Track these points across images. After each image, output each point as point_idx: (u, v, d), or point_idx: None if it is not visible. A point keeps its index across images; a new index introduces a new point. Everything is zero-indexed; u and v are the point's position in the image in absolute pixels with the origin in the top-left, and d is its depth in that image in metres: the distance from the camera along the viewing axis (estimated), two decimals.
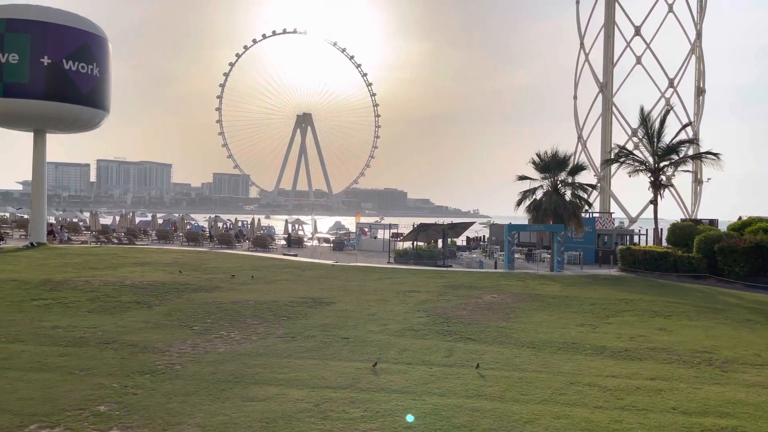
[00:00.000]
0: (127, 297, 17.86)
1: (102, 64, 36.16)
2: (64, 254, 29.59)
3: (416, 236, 36.50)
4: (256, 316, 15.77)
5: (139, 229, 48.70)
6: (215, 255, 32.82)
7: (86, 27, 35.62)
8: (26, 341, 12.33)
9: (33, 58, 33.15)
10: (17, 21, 33.35)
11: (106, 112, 37.49)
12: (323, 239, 50.49)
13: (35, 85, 33.40)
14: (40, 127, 35.90)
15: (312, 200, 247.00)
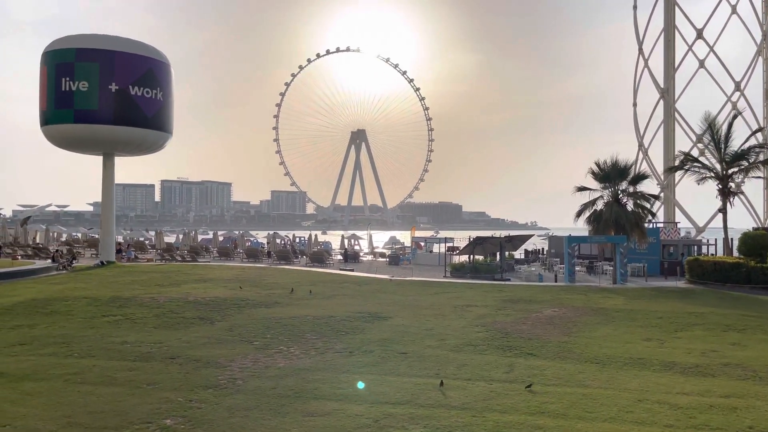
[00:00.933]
0: (190, 313, 18.37)
1: (165, 88, 37.66)
2: (131, 272, 30.76)
3: (473, 250, 36.11)
4: (315, 331, 15.91)
5: (202, 246, 50.14)
6: (274, 271, 33.40)
7: (150, 54, 37.23)
8: (97, 356, 12.83)
9: (102, 85, 34.83)
10: (86, 50, 35.19)
11: (170, 134, 38.96)
12: (379, 254, 50.64)
13: (104, 111, 35.07)
14: (108, 150, 37.62)
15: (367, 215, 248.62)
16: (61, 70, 34.93)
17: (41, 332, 15.39)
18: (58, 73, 35.01)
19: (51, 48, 35.88)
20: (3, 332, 15.34)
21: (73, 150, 39.01)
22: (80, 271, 32.54)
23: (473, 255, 35.88)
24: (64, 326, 16.25)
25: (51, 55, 35.67)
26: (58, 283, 26.62)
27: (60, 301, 20.47)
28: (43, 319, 17.30)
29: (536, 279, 31.73)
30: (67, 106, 34.99)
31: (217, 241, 55.80)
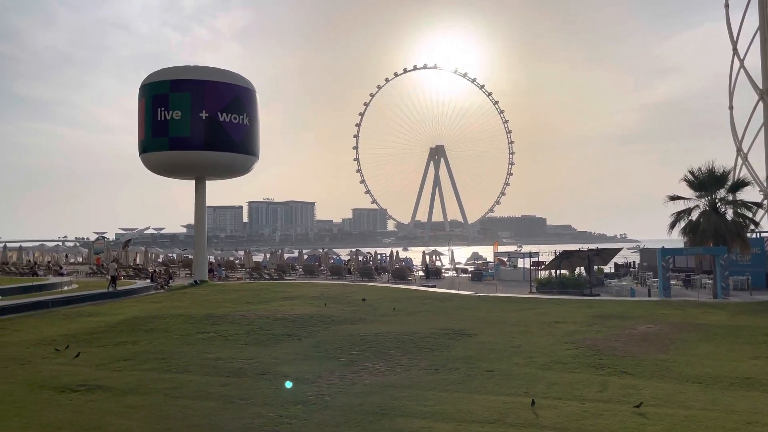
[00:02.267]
0: (278, 330, 18.88)
1: (251, 113, 39.32)
2: (223, 290, 32.07)
3: (559, 264, 35.06)
4: (399, 347, 15.92)
5: (288, 264, 51.61)
6: (357, 287, 33.79)
7: (237, 81, 39.05)
8: (193, 371, 13.41)
9: (193, 114, 36.86)
10: (179, 81, 37.41)
11: (256, 157, 40.56)
12: (461, 270, 50.17)
13: (196, 138, 37.05)
14: (200, 174, 39.63)
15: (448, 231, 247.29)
16: (157, 101, 37.28)
17: (142, 348, 16.29)
18: (154, 103, 37.39)
19: (148, 81, 38.40)
20: (108, 348, 16.36)
21: (168, 175, 41.38)
22: (176, 290, 34.28)
23: (560, 270, 34.81)
24: (162, 343, 17.12)
25: (148, 87, 38.17)
26: (156, 301, 28.16)
27: (159, 318, 21.62)
28: (144, 336, 18.31)
29: (628, 294, 30.35)
30: (162, 135, 37.25)
31: (302, 259, 57.23)
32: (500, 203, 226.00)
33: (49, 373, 13.41)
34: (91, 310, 25.11)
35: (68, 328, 20.00)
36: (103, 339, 17.78)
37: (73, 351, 15.65)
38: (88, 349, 16.05)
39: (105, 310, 25.03)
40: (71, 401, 11.00)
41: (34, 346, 16.80)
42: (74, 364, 14.35)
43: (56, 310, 24.93)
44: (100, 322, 21.04)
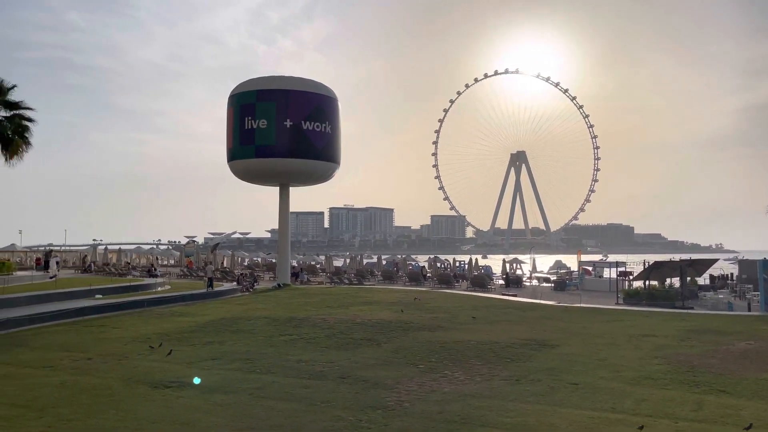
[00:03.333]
0: (358, 334, 19.08)
1: (333, 121, 40.12)
2: (304, 294, 32.82)
3: (648, 275, 33.47)
4: (479, 356, 15.68)
5: (367, 270, 52.15)
6: (436, 294, 33.65)
7: (319, 90, 39.99)
8: (276, 373, 13.78)
9: (278, 122, 38.05)
10: (265, 91, 38.76)
11: (337, 164, 41.32)
12: (543, 279, 48.91)
13: (280, 146, 38.24)
14: (284, 181, 40.84)
15: (529, 238, 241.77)
16: (245, 110, 38.77)
17: (229, 349, 16.91)
18: (242, 113, 38.91)
19: (236, 91, 40.04)
20: (198, 348, 17.11)
21: (254, 182, 42.89)
22: (260, 293, 35.42)
23: (649, 280, 33.21)
24: (247, 344, 17.71)
25: (237, 98, 39.79)
26: (242, 303, 29.19)
27: (244, 320, 22.40)
28: (230, 336, 19.02)
29: (725, 307, 28.53)
30: (249, 143, 38.69)
31: (381, 265, 57.65)
32: (584, 210, 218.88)
33: (144, 369, 14.19)
34: (182, 310, 26.36)
35: (161, 326, 21.08)
36: (192, 338, 18.61)
37: (166, 349, 16.47)
38: (179, 348, 16.85)
39: (194, 310, 26.21)
40: (163, 397, 11.57)
41: (131, 343, 17.82)
42: (167, 361, 15.10)
43: (150, 310, 26.36)
44: (190, 322, 22.05)
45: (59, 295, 28.05)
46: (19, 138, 36.63)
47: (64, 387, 12.26)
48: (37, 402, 11.03)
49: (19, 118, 36.98)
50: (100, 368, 14.28)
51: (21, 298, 25.74)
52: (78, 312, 24.08)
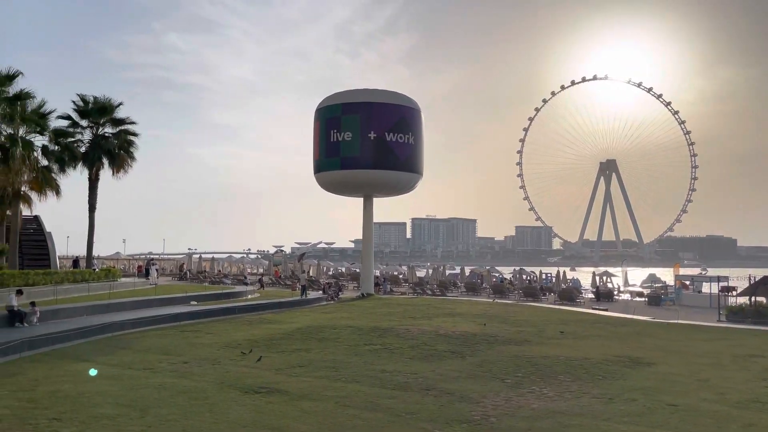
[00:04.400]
0: (442, 346, 18.93)
1: (416, 132, 40.30)
2: (387, 304, 32.98)
3: (755, 291, 31.12)
4: (569, 372, 15.13)
5: (450, 281, 51.75)
6: (521, 307, 32.87)
7: (403, 102, 40.33)
8: (361, 382, 13.90)
9: (362, 134, 38.68)
10: (350, 104, 39.54)
11: (420, 175, 41.42)
12: (635, 293, 46.62)
13: (364, 157, 38.83)
14: (368, 192, 41.39)
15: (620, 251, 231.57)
16: (330, 123, 39.72)
17: (315, 356, 17.25)
18: (327, 126, 39.88)
19: (322, 105, 41.10)
20: (285, 355, 17.56)
21: (339, 193, 43.75)
22: (345, 302, 35.96)
23: (755, 297, 30.90)
24: (333, 352, 18.00)
25: (323, 111, 40.84)
26: (327, 312, 29.73)
27: (329, 329, 22.78)
28: (316, 344, 19.39)
29: None
30: (335, 155, 39.57)
31: (464, 276, 57.04)
32: (681, 221, 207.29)
33: (235, 374, 14.72)
34: (271, 317, 27.18)
35: (251, 333, 21.82)
36: (281, 345, 19.13)
37: (256, 355, 17.03)
38: (268, 354, 17.36)
39: (282, 318, 26.95)
40: (254, 402, 11.94)
41: (223, 348, 18.56)
42: (256, 367, 15.60)
43: (241, 317, 27.37)
44: (279, 330, 22.68)
45: (158, 300, 29.69)
46: (124, 153, 39.34)
47: (163, 388, 12.92)
48: (139, 402, 11.67)
49: (125, 133, 39.74)
50: (195, 372, 14.94)
51: (125, 303, 27.46)
52: (175, 317, 25.39)
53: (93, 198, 38.71)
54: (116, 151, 38.86)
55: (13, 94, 28.72)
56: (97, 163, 38.11)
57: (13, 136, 28.77)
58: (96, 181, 38.67)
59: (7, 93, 28.45)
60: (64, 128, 36.84)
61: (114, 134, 39.43)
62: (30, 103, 30.47)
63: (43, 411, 10.83)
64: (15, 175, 29.35)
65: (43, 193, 34.28)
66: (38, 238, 41.05)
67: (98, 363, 15.87)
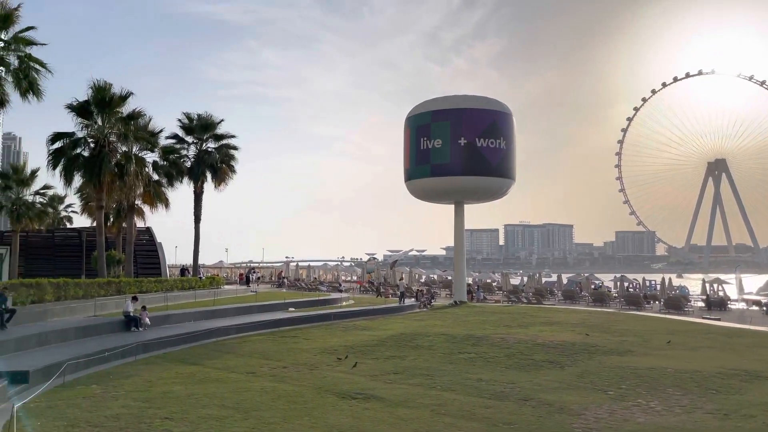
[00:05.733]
0: (539, 356, 18.40)
1: (508, 137, 39.62)
2: (481, 312, 32.53)
3: None
4: (677, 386, 14.24)
5: (546, 289, 50.27)
6: (624, 316, 31.38)
7: (494, 107, 39.82)
8: (456, 391, 13.76)
9: (452, 141, 38.55)
10: (440, 111, 39.52)
11: (512, 180, 40.65)
12: (752, 301, 43.17)
13: (455, 164, 38.64)
14: (458, 199, 41.10)
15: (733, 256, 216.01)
16: (421, 131, 39.89)
17: (409, 364, 17.28)
18: (418, 134, 40.07)
19: (412, 113, 41.35)
20: (380, 361, 17.72)
21: (429, 200, 43.76)
22: (437, 310, 35.83)
23: None
24: (427, 360, 17.96)
25: (413, 119, 41.09)
26: (420, 319, 29.74)
27: (423, 336, 22.77)
28: (410, 351, 19.43)
29: None
30: (425, 162, 39.68)
31: (561, 284, 55.23)
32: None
33: (332, 379, 15.02)
34: (364, 324, 27.55)
35: (346, 339, 22.22)
36: (375, 352, 19.34)
37: (351, 361, 17.30)
38: (363, 360, 17.59)
39: (376, 324, 27.25)
40: (351, 407, 12.12)
41: (320, 354, 19.01)
42: (352, 373, 15.85)
43: (336, 323, 27.95)
44: (372, 336, 22.95)
45: (258, 307, 30.89)
46: (225, 166, 41.42)
47: (264, 392, 13.41)
48: (243, 405, 12.17)
49: (226, 147, 41.86)
50: (294, 376, 15.40)
51: (228, 310, 28.79)
52: (274, 323, 26.33)
53: (198, 209, 41.02)
54: (218, 165, 41.01)
55: (126, 114, 30.96)
56: (201, 176, 40.38)
57: (127, 153, 31.01)
58: (201, 193, 40.98)
59: (121, 113, 30.69)
60: (171, 145, 39.34)
61: (216, 149, 41.62)
62: (141, 122, 32.75)
63: (156, 411, 11.54)
64: (129, 190, 31.61)
65: (154, 206, 36.73)
66: (150, 248, 44.04)
67: (205, 366, 16.75)
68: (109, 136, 30.32)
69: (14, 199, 39.06)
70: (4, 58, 23.77)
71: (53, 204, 44.20)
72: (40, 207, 40.85)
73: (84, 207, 42.67)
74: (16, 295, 21.60)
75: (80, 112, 29.78)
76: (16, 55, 24.23)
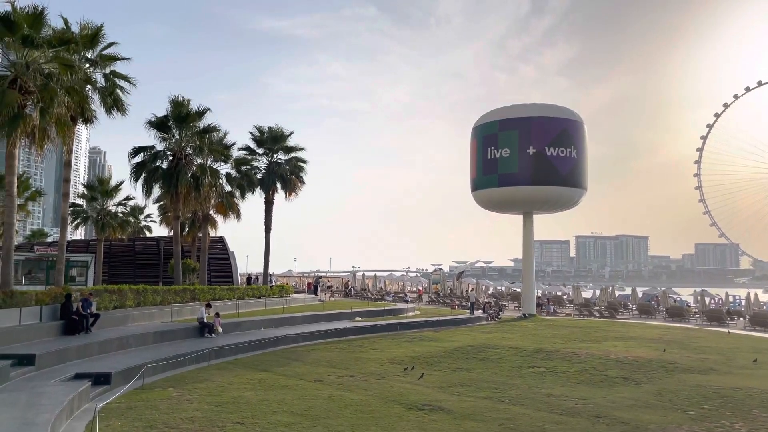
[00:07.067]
0: (613, 372, 17.72)
1: (578, 146, 38.58)
2: (551, 325, 31.68)
3: None
4: (764, 407, 13.36)
5: (619, 302, 48.44)
6: (705, 333, 29.80)
7: (564, 115, 38.88)
8: (526, 405, 13.43)
9: (520, 150, 37.88)
10: (507, 120, 38.95)
11: (584, 189, 39.49)
12: None
13: (523, 173, 37.93)
14: (527, 209, 40.28)
15: None
16: (487, 141, 39.44)
17: (477, 376, 17.02)
18: (484, 143, 39.64)
19: (479, 123, 40.97)
20: (447, 373, 17.54)
21: (496, 211, 43.09)
22: (505, 322, 35.16)
23: None
24: (495, 373, 17.63)
25: (479, 129, 40.70)
26: (487, 332, 29.27)
27: (490, 348, 22.38)
28: (478, 364, 19.13)
29: None
30: (492, 172, 39.16)
31: (636, 298, 53.08)
32: None
33: (399, 389, 14.99)
34: (431, 335, 27.37)
35: (412, 350, 22.13)
36: (442, 363, 19.16)
37: (418, 372, 17.22)
38: (430, 372, 17.47)
39: (442, 336, 27.02)
40: (417, 419, 12.04)
41: (386, 364, 19.02)
42: (419, 384, 15.76)
43: (402, 333, 27.90)
44: (439, 347, 22.75)
45: (326, 316, 31.29)
46: (295, 177, 42.35)
47: (332, 400, 13.53)
48: (311, 412, 12.33)
49: (295, 160, 42.82)
50: (361, 385, 15.46)
51: (297, 318, 29.31)
52: (341, 332, 26.57)
53: (269, 219, 42.07)
54: (288, 176, 41.98)
55: (202, 128, 32.24)
56: (272, 187, 41.44)
57: (203, 165, 32.24)
58: (271, 204, 42.02)
59: (197, 127, 32.00)
60: (243, 156, 40.60)
61: (286, 160, 42.65)
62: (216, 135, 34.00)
63: (228, 415, 11.86)
64: (204, 200, 32.82)
65: (227, 216, 37.94)
66: (223, 256, 45.51)
67: (275, 373, 17.08)
68: (186, 149, 31.65)
69: (99, 209, 41.34)
70: (91, 77, 25.25)
71: (134, 214, 46.42)
72: (122, 217, 43.01)
73: (162, 217, 44.71)
74: (100, 301, 22.79)
75: (159, 126, 31.27)
76: (102, 72, 25.70)
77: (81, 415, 11.71)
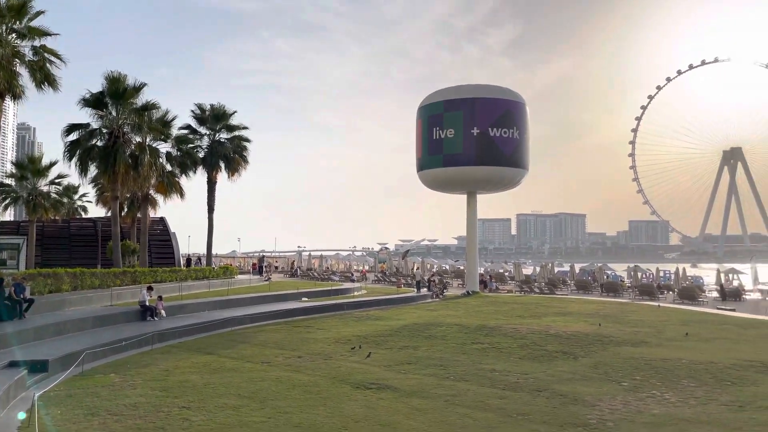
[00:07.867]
0: (552, 346, 18.40)
1: (521, 126, 39.39)
2: (494, 302, 32.53)
3: None
4: (692, 377, 14.21)
5: (558, 279, 50.13)
6: (637, 307, 31.24)
7: (507, 96, 39.56)
8: (470, 381, 13.82)
9: (465, 130, 38.37)
10: (452, 101, 39.32)
11: (526, 170, 40.46)
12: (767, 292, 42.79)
13: (467, 154, 38.49)
14: (471, 189, 40.98)
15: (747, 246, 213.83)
16: (433, 121, 39.74)
17: (423, 354, 17.36)
18: (430, 124, 39.93)
19: (424, 103, 41.19)
20: (394, 351, 17.81)
21: (441, 190, 43.66)
22: (450, 300, 35.86)
23: None
24: (440, 350, 18.03)
25: (425, 109, 40.93)
26: (432, 309, 29.80)
27: (435, 326, 22.82)
28: (423, 342, 19.50)
29: None
30: (437, 152, 39.55)
31: (574, 274, 55.06)
32: None
33: (346, 369, 15.13)
34: (377, 314, 27.64)
35: (359, 329, 22.32)
36: (388, 342, 19.43)
37: (365, 351, 17.41)
38: (377, 350, 17.69)
39: (388, 314, 27.33)
40: (365, 397, 12.22)
41: (333, 344, 19.13)
42: (366, 363, 15.95)
43: (349, 313, 28.06)
44: (386, 326, 23.03)
45: (272, 297, 31.09)
46: (239, 156, 41.61)
47: (279, 382, 13.55)
48: (258, 394, 12.31)
49: (239, 139, 42.03)
50: (308, 366, 15.53)
51: (242, 299, 29.02)
52: (288, 313, 26.51)
53: (211, 200, 41.29)
54: (231, 155, 41.20)
55: (141, 105, 31.14)
56: (215, 166, 40.59)
57: (141, 144, 31.22)
58: (214, 183, 41.21)
59: (135, 104, 30.89)
60: (185, 135, 39.52)
61: (229, 139, 41.79)
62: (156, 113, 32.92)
63: (173, 400, 11.70)
64: (144, 180, 31.86)
65: (168, 196, 36.98)
66: (164, 238, 44.39)
67: (221, 356, 16.92)
68: (123, 126, 30.53)
69: (30, 189, 39.49)
70: (20, 51, 23.95)
71: (68, 194, 44.62)
72: (55, 197, 41.27)
73: (98, 197, 43.08)
74: (34, 285, 21.91)
75: (95, 104, 30.01)
76: (31, 46, 24.41)
77: (18, 404, 11.32)
